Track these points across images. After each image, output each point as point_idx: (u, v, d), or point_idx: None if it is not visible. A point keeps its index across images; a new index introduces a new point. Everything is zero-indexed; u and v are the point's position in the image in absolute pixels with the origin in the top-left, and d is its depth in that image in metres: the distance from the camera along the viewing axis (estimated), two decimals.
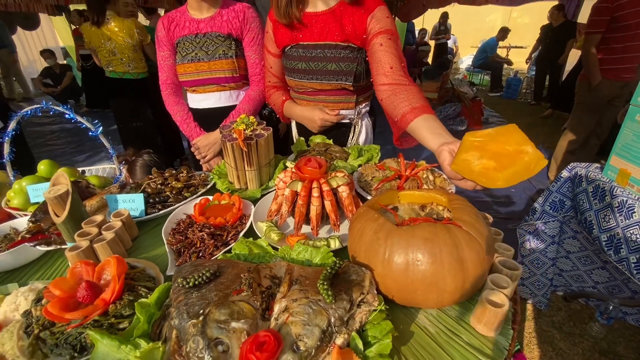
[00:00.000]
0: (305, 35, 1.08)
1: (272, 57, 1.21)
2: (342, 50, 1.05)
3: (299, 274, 0.51)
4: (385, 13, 1.01)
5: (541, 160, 0.53)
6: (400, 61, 0.97)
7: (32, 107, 1.04)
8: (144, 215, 0.78)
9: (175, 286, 0.47)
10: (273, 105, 1.30)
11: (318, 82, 1.11)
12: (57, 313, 0.45)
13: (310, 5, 1.06)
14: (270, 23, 1.15)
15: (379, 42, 0.97)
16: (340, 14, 1.03)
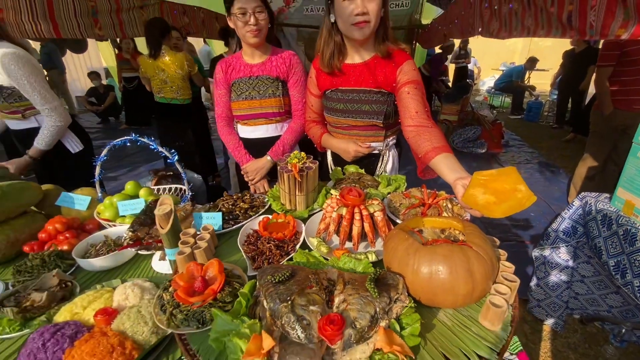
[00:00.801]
0: (343, 81, 1.30)
1: (313, 97, 1.44)
2: (375, 94, 1.26)
3: (349, 278, 0.70)
4: (412, 66, 1.22)
5: (531, 197, 0.70)
6: (424, 107, 1.16)
7: (122, 138, 1.30)
8: (221, 230, 0.99)
9: (264, 282, 0.67)
10: (312, 137, 1.52)
11: (353, 120, 1.32)
12: (184, 297, 0.66)
13: (348, 58, 1.29)
14: (314, 70, 1.38)
15: (407, 90, 1.17)
16: (373, 66, 1.24)
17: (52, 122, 1.67)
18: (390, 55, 1.23)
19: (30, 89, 1.58)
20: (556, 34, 1.77)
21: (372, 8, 1.11)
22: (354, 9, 1.10)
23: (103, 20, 2.93)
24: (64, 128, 1.75)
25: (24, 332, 0.83)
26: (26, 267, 1.02)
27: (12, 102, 1.64)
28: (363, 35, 1.17)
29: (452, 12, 4.24)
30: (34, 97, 1.61)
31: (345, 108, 1.32)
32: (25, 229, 1.18)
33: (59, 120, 1.68)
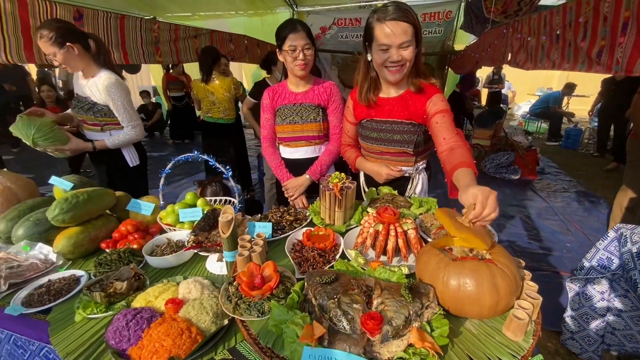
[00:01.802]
0: (378, 112, 1.43)
1: (349, 124, 1.58)
2: (406, 125, 1.38)
3: (385, 285, 0.81)
4: (441, 98, 1.33)
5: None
6: (452, 131, 1.25)
7: (186, 154, 1.51)
8: (271, 238, 1.14)
9: (312, 282, 0.79)
10: (347, 159, 1.66)
11: (385, 147, 1.45)
12: (247, 290, 0.80)
13: (383, 92, 1.43)
14: (351, 100, 1.53)
15: (436, 120, 1.28)
16: (406, 99, 1.37)
17: (131, 134, 1.95)
18: (422, 90, 1.33)
19: (122, 109, 1.87)
20: (581, 68, 1.82)
21: (405, 55, 1.22)
22: (389, 57, 1.23)
23: (163, 48, 3.31)
24: (135, 141, 2.03)
25: (107, 313, 0.99)
26: (106, 260, 1.20)
27: (98, 117, 1.93)
28: (396, 79, 1.30)
29: (484, 40, 4.33)
30: (123, 115, 1.89)
31: (378, 137, 1.45)
32: (102, 229, 1.39)
33: (135, 135, 1.97)
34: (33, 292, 1.11)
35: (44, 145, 1.74)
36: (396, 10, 1.18)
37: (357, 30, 6.41)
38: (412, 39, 1.20)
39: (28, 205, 1.44)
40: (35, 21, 2.19)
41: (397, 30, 1.17)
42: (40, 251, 1.28)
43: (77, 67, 1.84)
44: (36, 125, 1.70)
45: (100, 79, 1.83)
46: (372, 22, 1.23)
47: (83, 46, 1.79)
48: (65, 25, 1.75)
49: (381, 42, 1.21)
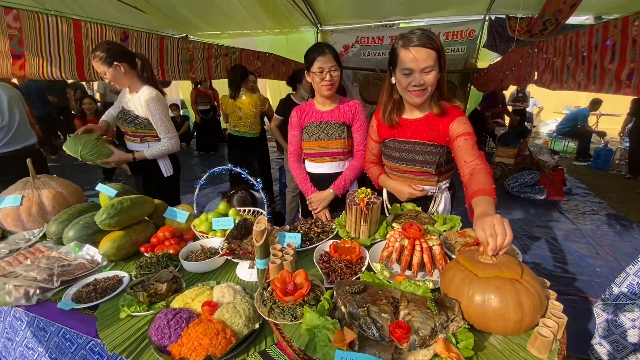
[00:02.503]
0: (401, 133, 1.48)
1: (373, 142, 1.65)
2: (429, 146, 1.42)
3: (411, 298, 0.85)
4: (463, 121, 1.36)
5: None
6: (474, 154, 1.28)
7: (220, 167, 1.61)
8: (300, 248, 1.20)
9: (342, 291, 0.84)
10: (370, 175, 1.71)
11: (408, 166, 1.49)
12: (281, 296, 0.86)
13: (406, 113, 1.48)
14: (375, 120, 1.60)
15: (458, 143, 1.32)
16: (428, 122, 1.41)
17: (167, 145, 2.09)
18: (445, 113, 1.37)
19: (160, 122, 2.03)
20: (609, 90, 1.82)
21: (427, 80, 1.27)
22: (412, 81, 1.28)
23: (197, 65, 3.53)
24: (171, 152, 2.18)
25: (149, 312, 1.08)
26: (146, 263, 1.30)
27: (139, 129, 2.10)
28: (417, 102, 1.35)
29: (509, 59, 4.33)
30: (160, 128, 2.05)
31: (400, 156, 1.49)
32: (142, 234, 1.49)
33: (171, 146, 2.12)
34: (81, 289, 1.21)
35: (91, 160, 1.92)
36: (421, 36, 1.24)
37: (379, 48, 6.56)
38: (435, 64, 1.25)
39: (77, 210, 1.58)
40: (87, 42, 2.42)
41: (420, 55, 1.23)
42: (88, 252, 1.40)
43: (124, 83, 2.02)
44: (82, 143, 1.89)
45: (142, 94, 2.00)
46: (397, 47, 1.30)
47: (129, 65, 1.97)
48: (114, 47, 1.93)
49: (404, 67, 1.27)
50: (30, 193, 1.59)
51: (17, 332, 1.30)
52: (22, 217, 1.55)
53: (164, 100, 2.07)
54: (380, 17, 5.99)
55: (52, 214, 1.59)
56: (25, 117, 2.51)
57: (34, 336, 1.24)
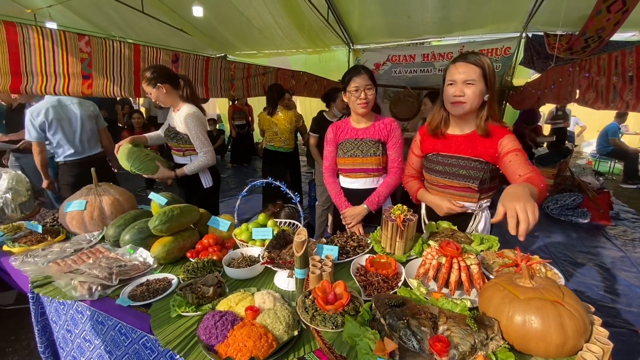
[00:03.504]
0: (445, 147, 1.52)
1: (415, 157, 1.68)
2: (473, 162, 1.44)
3: (450, 314, 0.87)
4: (512, 138, 1.37)
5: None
6: (527, 167, 1.29)
7: (261, 180, 1.71)
8: (337, 260, 1.25)
9: (381, 304, 0.88)
10: (409, 189, 1.74)
11: (450, 180, 1.51)
12: (322, 304, 0.91)
13: (451, 129, 1.53)
14: (419, 135, 1.65)
15: (509, 159, 1.34)
16: (472, 139, 1.44)
17: (203, 159, 2.25)
18: (489, 134, 1.40)
19: (196, 137, 2.19)
20: None
21: (468, 92, 1.34)
22: (454, 92, 1.37)
23: (237, 84, 3.76)
24: (208, 166, 2.32)
25: (196, 313, 1.16)
26: (192, 267, 1.40)
27: (180, 144, 2.28)
28: (458, 113, 1.41)
29: (548, 77, 4.22)
30: (196, 143, 2.21)
31: (443, 170, 1.52)
32: (188, 240, 1.61)
33: (207, 160, 2.26)
34: (136, 288, 1.33)
35: (138, 173, 2.12)
36: (467, 55, 1.37)
37: (410, 66, 6.61)
38: (478, 79, 1.33)
39: (131, 215, 1.73)
40: (145, 63, 2.68)
41: (463, 69, 1.34)
42: (141, 255, 1.53)
43: (166, 102, 2.23)
44: (133, 157, 2.09)
45: (182, 111, 2.19)
46: (448, 65, 1.42)
47: (172, 86, 2.17)
48: (158, 71, 2.15)
49: (449, 79, 1.40)
50: (92, 199, 1.77)
51: (77, 324, 1.44)
52: (85, 221, 1.73)
53: (201, 117, 2.23)
54: (412, 36, 6.07)
55: (110, 219, 1.76)
56: (95, 130, 2.84)
57: (93, 329, 1.37)
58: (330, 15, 5.16)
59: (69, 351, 1.53)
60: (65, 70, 2.14)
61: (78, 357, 1.49)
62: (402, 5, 4.82)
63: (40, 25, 2.07)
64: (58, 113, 2.58)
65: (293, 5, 4.74)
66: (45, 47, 2.02)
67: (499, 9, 4.73)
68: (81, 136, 2.71)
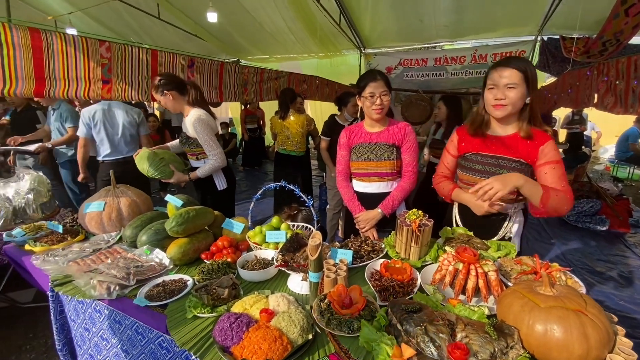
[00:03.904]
0: (484, 148, 1.50)
1: (450, 156, 1.65)
2: (514, 162, 1.42)
3: (468, 321, 0.85)
4: (553, 147, 1.37)
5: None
6: (560, 182, 1.31)
7: (275, 184, 1.73)
8: (351, 265, 1.25)
9: (397, 309, 0.88)
10: (441, 189, 1.68)
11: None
12: (338, 308, 0.91)
13: (491, 130, 1.51)
14: (457, 135, 1.63)
15: (544, 170, 1.35)
16: (514, 141, 1.43)
17: (213, 162, 2.28)
18: (532, 137, 1.39)
19: (204, 141, 2.23)
20: None
21: (510, 96, 1.34)
22: (495, 94, 1.38)
23: (250, 88, 3.81)
24: (219, 168, 2.35)
25: (212, 315, 1.17)
26: (207, 269, 1.42)
27: (192, 148, 2.33)
28: (499, 115, 1.41)
29: (565, 81, 4.14)
30: (205, 146, 2.25)
31: (484, 169, 1.49)
32: (203, 242, 1.63)
33: (216, 162, 2.29)
34: (152, 289, 1.35)
35: (154, 177, 2.17)
36: (509, 59, 1.39)
37: (422, 69, 6.57)
38: (519, 83, 1.34)
39: (148, 217, 1.77)
40: (161, 68, 2.74)
41: (504, 73, 1.35)
42: (157, 256, 1.55)
43: (175, 108, 2.28)
44: (150, 162, 2.15)
45: (191, 116, 2.23)
46: (489, 69, 1.44)
47: (178, 92, 2.22)
48: (165, 78, 2.20)
49: (490, 82, 1.41)
50: (111, 200, 1.81)
51: (95, 323, 1.47)
52: (104, 221, 1.77)
53: (208, 120, 2.26)
54: (424, 39, 6.05)
55: (128, 220, 1.80)
56: (135, 135, 3.09)
57: (110, 328, 1.40)
58: (342, 20, 5.19)
59: (86, 349, 1.56)
60: (86, 75, 2.21)
61: (95, 356, 1.52)
62: (414, 10, 4.81)
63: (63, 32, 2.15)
64: (105, 115, 2.85)
65: (305, 10, 4.79)
66: (68, 53, 2.09)
67: (514, 12, 4.68)
68: (120, 139, 2.93)
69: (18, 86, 1.92)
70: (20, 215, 2.10)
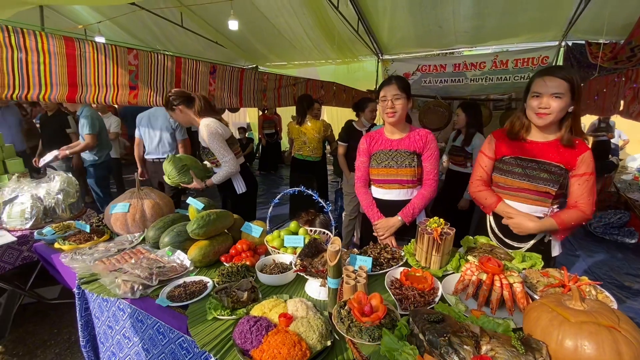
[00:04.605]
0: (524, 152, 1.51)
1: (487, 159, 1.63)
2: (554, 167, 1.44)
3: (493, 334, 0.83)
4: (590, 158, 1.40)
5: None
6: (590, 195, 1.38)
7: (294, 189, 1.74)
8: (370, 272, 1.24)
9: (419, 319, 0.86)
10: (483, 199, 1.62)
11: (528, 183, 1.48)
12: (359, 316, 0.90)
13: (532, 135, 1.52)
14: (494, 138, 1.62)
15: (578, 182, 1.40)
16: (556, 146, 1.44)
17: (226, 168, 2.32)
18: (573, 145, 1.42)
19: (214, 149, 2.26)
20: None
21: (553, 105, 1.36)
22: (539, 103, 1.39)
23: (269, 94, 3.87)
24: (232, 174, 2.38)
25: (231, 317, 1.19)
26: (227, 272, 1.44)
27: (209, 157, 2.39)
28: (542, 124, 1.42)
29: (591, 87, 4.01)
30: (217, 154, 2.29)
31: (524, 172, 1.50)
32: (222, 244, 1.66)
33: (229, 168, 2.32)
34: (173, 289, 1.38)
35: (175, 182, 2.26)
36: (554, 68, 1.40)
37: (440, 75, 6.50)
38: (564, 93, 1.35)
39: (170, 219, 1.81)
40: (185, 75, 2.83)
41: (549, 82, 1.36)
42: (178, 257, 1.59)
43: (185, 121, 2.35)
44: (173, 167, 2.21)
45: (200, 126, 2.27)
46: (534, 76, 1.45)
47: (185, 105, 2.26)
48: (173, 94, 2.26)
49: (534, 90, 1.42)
50: (135, 202, 1.87)
51: (118, 321, 1.51)
52: (128, 222, 1.83)
53: (216, 128, 2.27)
54: (443, 45, 5.99)
55: (151, 221, 1.85)
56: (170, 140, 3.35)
57: (132, 326, 1.44)
58: (360, 26, 5.21)
59: (108, 347, 1.61)
60: (115, 81, 2.31)
61: (117, 353, 1.56)
62: (433, 16, 4.78)
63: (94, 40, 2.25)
64: (148, 119, 3.26)
65: (324, 17, 4.84)
66: (99, 60, 2.19)
67: (536, 17, 4.58)
68: (158, 141, 3.28)
69: (52, 92, 2.02)
70: (50, 214, 2.20)
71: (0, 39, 1.79)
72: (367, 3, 4.70)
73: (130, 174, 6.08)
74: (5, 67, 1.82)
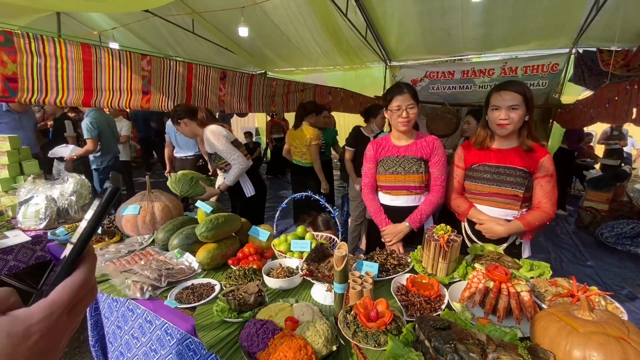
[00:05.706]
0: (490, 159, 1.66)
1: (459, 169, 1.76)
2: (519, 171, 1.57)
3: (499, 342, 0.83)
4: (550, 161, 1.56)
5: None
6: (551, 195, 1.55)
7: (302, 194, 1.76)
8: (376, 277, 1.24)
9: (425, 325, 0.87)
10: (457, 207, 1.76)
11: (497, 187, 1.61)
12: (364, 321, 0.91)
13: (496, 143, 1.66)
14: (462, 149, 1.76)
15: (541, 183, 1.56)
16: (518, 152, 1.59)
17: (236, 166, 2.36)
18: (532, 150, 1.58)
19: (220, 150, 2.33)
20: None
21: (512, 116, 1.52)
22: (499, 115, 1.55)
23: (277, 100, 3.92)
24: (243, 170, 2.42)
25: (238, 320, 1.20)
26: (234, 275, 1.46)
27: (217, 162, 2.44)
28: (503, 134, 1.59)
29: (603, 94, 3.95)
30: (224, 155, 2.34)
31: (492, 177, 1.64)
32: (230, 248, 1.68)
33: (239, 165, 2.37)
34: (182, 291, 1.40)
35: (189, 195, 2.31)
36: (508, 83, 1.57)
37: (448, 82, 6.49)
38: (519, 104, 1.52)
39: (179, 221, 1.84)
40: (196, 80, 2.89)
41: (506, 96, 1.54)
42: (187, 259, 1.61)
43: (191, 134, 2.43)
44: (182, 183, 2.29)
45: (206, 133, 2.33)
46: (491, 91, 1.62)
47: (189, 118, 2.36)
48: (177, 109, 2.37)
49: (493, 104, 1.59)
50: (146, 204, 1.91)
51: (127, 321, 1.53)
52: (138, 224, 1.87)
53: (218, 130, 2.36)
54: (451, 52, 6.00)
55: (160, 224, 1.88)
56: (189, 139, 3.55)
57: (141, 327, 1.46)
58: (369, 33, 5.25)
59: (117, 346, 1.63)
60: (128, 86, 2.37)
61: (125, 353, 1.59)
62: (441, 23, 4.80)
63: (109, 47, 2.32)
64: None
65: (333, 24, 4.89)
66: (114, 66, 2.26)
67: (546, 24, 4.56)
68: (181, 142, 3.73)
69: (69, 96, 2.08)
70: (63, 215, 2.25)
71: (21, 45, 1.86)
72: (376, 10, 4.74)
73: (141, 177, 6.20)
74: (25, 72, 1.89)
